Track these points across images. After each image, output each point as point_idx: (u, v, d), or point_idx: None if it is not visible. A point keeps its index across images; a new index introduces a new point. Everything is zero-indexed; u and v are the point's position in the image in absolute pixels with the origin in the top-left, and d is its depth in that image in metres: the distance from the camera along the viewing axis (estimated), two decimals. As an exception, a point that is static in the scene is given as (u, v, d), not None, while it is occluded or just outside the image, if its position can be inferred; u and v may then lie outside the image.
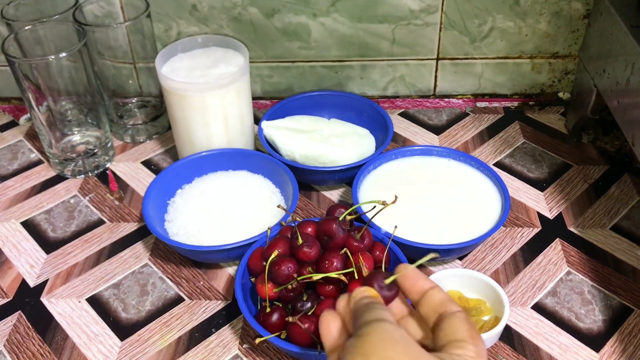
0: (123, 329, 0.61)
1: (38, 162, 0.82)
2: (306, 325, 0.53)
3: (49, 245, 0.70)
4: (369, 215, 0.60)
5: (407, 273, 0.43)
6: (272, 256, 0.56)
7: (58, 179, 0.79)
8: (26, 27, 0.73)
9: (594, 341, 0.59)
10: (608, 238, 0.69)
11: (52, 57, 0.70)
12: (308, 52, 0.86)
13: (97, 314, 0.63)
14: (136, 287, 0.65)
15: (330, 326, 0.42)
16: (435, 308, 0.41)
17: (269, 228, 0.61)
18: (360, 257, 0.55)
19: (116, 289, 0.65)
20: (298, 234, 0.56)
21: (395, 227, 0.59)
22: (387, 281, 0.44)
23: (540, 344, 0.59)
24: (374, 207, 0.59)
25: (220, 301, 0.64)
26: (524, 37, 0.84)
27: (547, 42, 0.84)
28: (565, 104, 0.89)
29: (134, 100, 0.86)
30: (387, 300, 0.44)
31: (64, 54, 0.70)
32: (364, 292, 0.42)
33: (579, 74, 0.82)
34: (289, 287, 0.55)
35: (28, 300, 0.64)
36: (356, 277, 0.55)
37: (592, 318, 0.61)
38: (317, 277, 0.54)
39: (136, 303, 0.64)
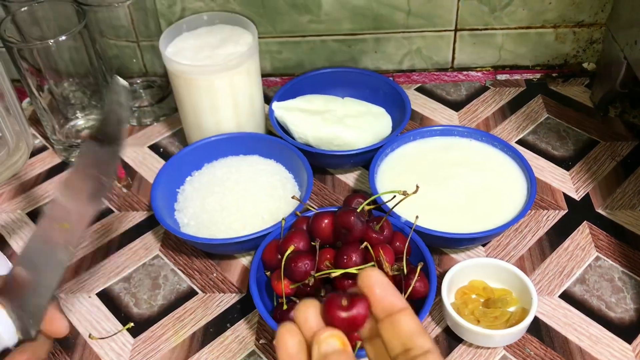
0: (135, 325, 0.59)
1: (43, 149, 0.79)
2: (325, 323, 0.51)
3: (56, 236, 0.68)
4: (389, 205, 0.57)
5: (375, 280, 0.35)
6: (288, 252, 0.53)
7: (64, 165, 0.76)
8: (23, 9, 0.69)
9: (625, 332, 0.56)
10: (639, 220, 0.66)
11: (52, 41, 0.66)
12: (319, 26, 0.82)
13: (108, 310, 0.61)
14: (147, 281, 0.63)
15: (288, 343, 0.34)
16: (402, 339, 0.34)
17: (283, 219, 0.58)
18: (381, 251, 0.53)
19: (127, 283, 0.63)
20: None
21: (417, 217, 0.56)
22: (344, 303, 0.34)
23: (569, 335, 0.56)
24: (394, 196, 0.56)
25: (234, 294, 0.61)
26: (547, 5, 0.79)
27: (571, 10, 0.80)
28: (590, 75, 0.84)
29: (138, 81, 0.82)
30: (359, 323, 0.35)
31: (63, 37, 0.67)
32: (328, 343, 0.34)
33: (607, 45, 0.78)
34: (306, 282, 0.53)
35: (37, 296, 0.62)
36: (376, 271, 0.53)
37: (624, 307, 0.58)
38: (335, 273, 0.52)
39: (148, 297, 0.62)
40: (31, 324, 0.42)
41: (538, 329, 0.57)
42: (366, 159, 0.69)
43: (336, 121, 0.70)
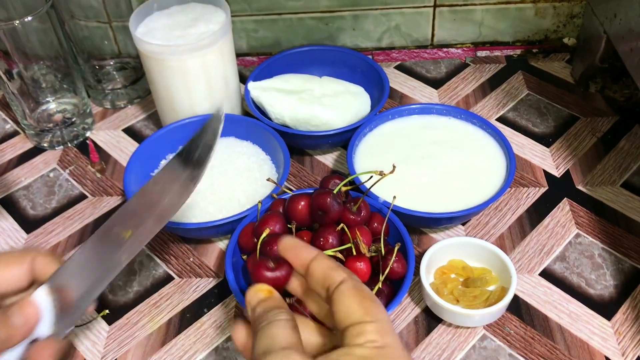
0: (111, 312, 0.58)
1: (14, 134, 0.77)
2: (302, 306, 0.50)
3: (28, 223, 0.66)
4: (366, 185, 0.56)
5: (286, 245, 0.40)
6: (263, 235, 0.52)
7: (36, 151, 0.75)
8: (-14, -12, 0.67)
9: (605, 308, 0.56)
10: (618, 196, 0.65)
11: (17, 22, 0.64)
12: (296, 3, 0.80)
13: (83, 297, 0.59)
14: (123, 267, 0.62)
15: (238, 336, 0.39)
16: (320, 283, 0.37)
17: (259, 202, 0.57)
18: (358, 233, 0.52)
19: (102, 269, 0.62)
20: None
21: (394, 197, 0.55)
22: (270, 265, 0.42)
23: (549, 313, 0.56)
24: (371, 177, 0.55)
25: (211, 278, 0.60)
26: (527, -21, 0.78)
27: (552, -17, 0.78)
28: (570, 51, 0.83)
29: (111, 63, 0.80)
30: (282, 281, 0.41)
31: (29, 18, 0.64)
32: (256, 297, 0.39)
33: (587, 20, 0.76)
34: (283, 265, 0.52)
35: (9, 285, 0.61)
36: (354, 253, 0.52)
37: (603, 283, 0.58)
38: (311, 256, 0.51)
39: (123, 284, 0.60)
40: (66, 323, 0.42)
41: (518, 307, 0.57)
42: (344, 139, 0.68)
43: (314, 101, 0.69)
